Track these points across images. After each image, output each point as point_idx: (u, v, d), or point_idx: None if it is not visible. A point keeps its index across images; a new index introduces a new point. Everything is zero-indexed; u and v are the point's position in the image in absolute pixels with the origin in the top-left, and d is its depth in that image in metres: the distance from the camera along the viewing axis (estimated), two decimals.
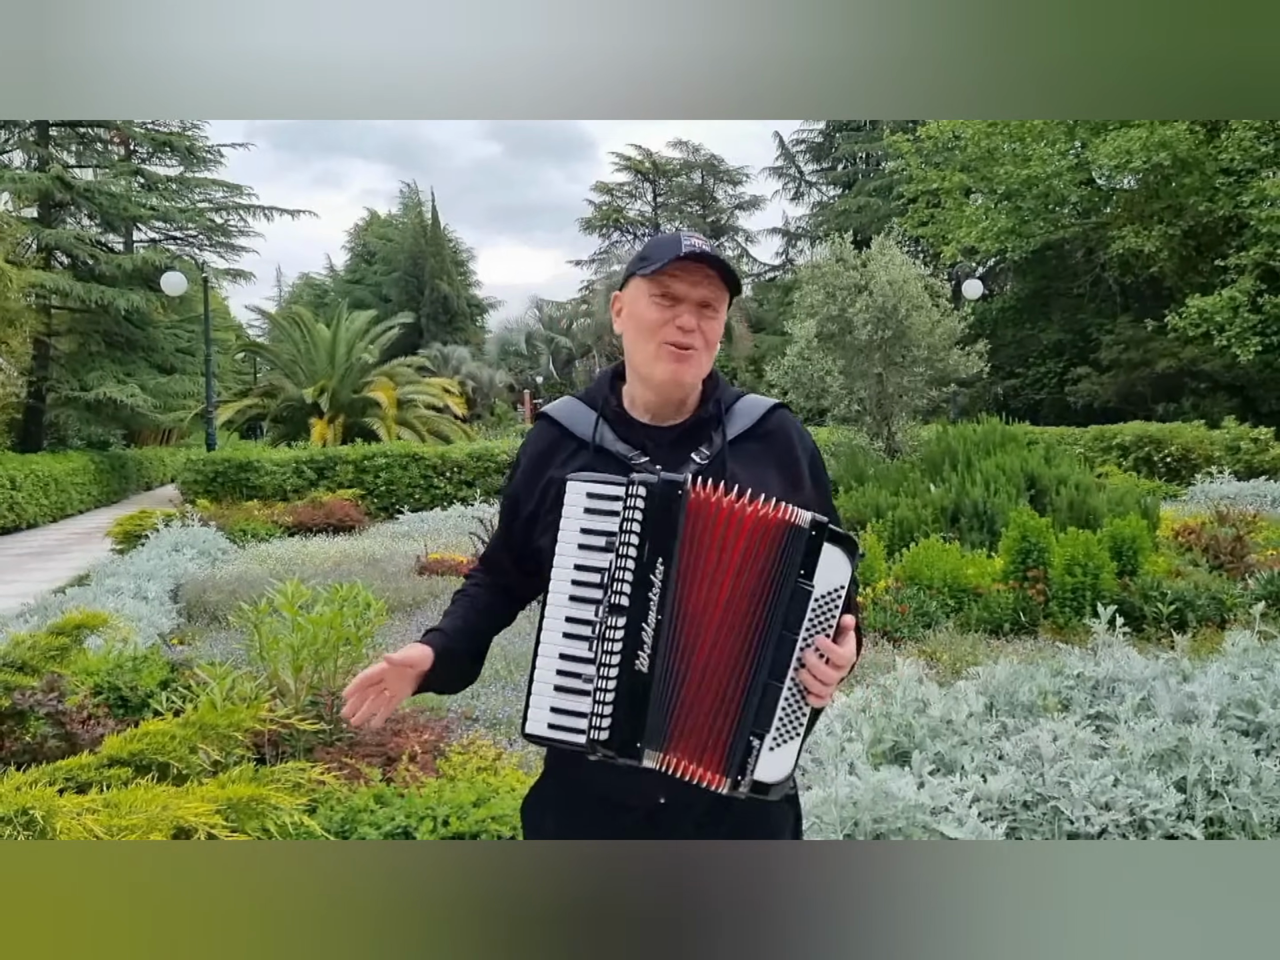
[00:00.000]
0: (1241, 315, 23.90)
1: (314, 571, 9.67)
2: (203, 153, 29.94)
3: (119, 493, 26.13)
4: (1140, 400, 28.48)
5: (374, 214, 61.83)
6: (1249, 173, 24.26)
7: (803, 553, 1.64)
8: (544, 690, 1.67)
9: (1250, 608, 7.11)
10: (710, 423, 1.84)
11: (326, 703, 4.19)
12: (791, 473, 1.86)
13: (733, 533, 1.65)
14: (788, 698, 1.66)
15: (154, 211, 27.52)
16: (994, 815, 3.62)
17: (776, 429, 1.88)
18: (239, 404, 27.43)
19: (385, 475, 18.52)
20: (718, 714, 1.66)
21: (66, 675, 3.63)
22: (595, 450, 1.80)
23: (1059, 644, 5.92)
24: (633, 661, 1.63)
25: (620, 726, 1.63)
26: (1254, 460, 18.68)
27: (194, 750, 3.38)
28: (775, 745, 1.65)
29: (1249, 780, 3.68)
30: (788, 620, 1.64)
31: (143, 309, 26.12)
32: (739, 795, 1.66)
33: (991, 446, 10.34)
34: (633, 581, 1.63)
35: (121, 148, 29.17)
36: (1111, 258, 28.63)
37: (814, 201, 49.76)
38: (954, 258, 29.32)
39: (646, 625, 1.63)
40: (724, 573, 1.65)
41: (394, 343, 32.71)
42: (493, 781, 3.69)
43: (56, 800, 2.30)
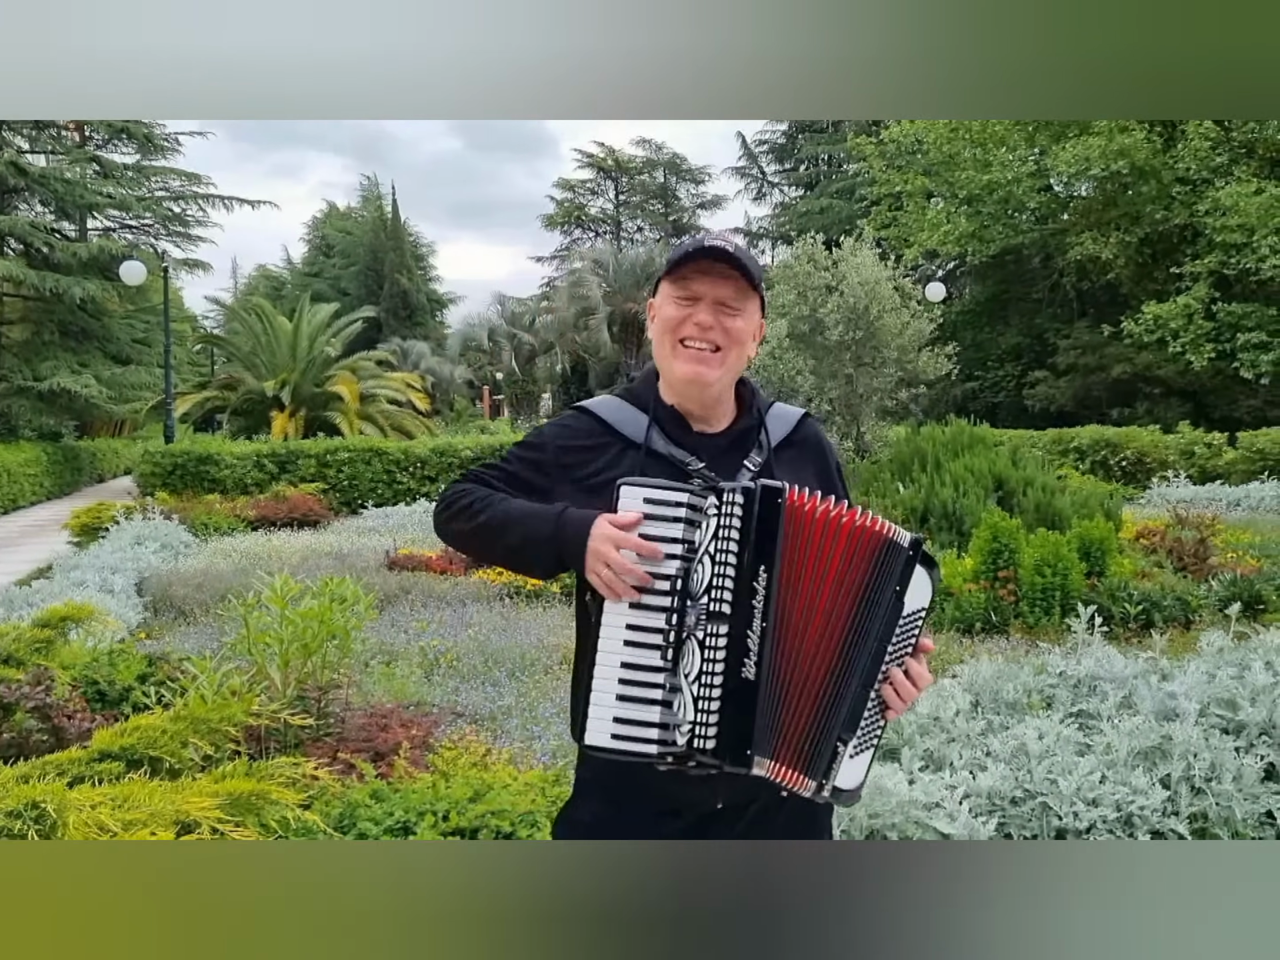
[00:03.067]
0: (1196, 322, 24.40)
1: (280, 566, 9.55)
2: (160, 141, 29.49)
3: (71, 484, 25.66)
4: (1096, 404, 28.94)
5: (333, 206, 61.31)
6: (1204, 182, 24.77)
7: (900, 569, 1.67)
8: (605, 700, 1.64)
9: (1222, 609, 7.29)
10: (755, 430, 1.86)
11: (314, 697, 4.15)
12: (825, 477, 1.90)
13: (830, 541, 1.66)
14: (871, 708, 1.68)
15: (110, 199, 27.02)
16: (984, 811, 3.66)
17: (810, 435, 1.93)
18: (198, 396, 27.06)
19: (348, 470, 18.33)
20: (815, 719, 1.67)
21: (53, 668, 3.56)
22: (646, 453, 1.78)
23: (1040, 643, 6.00)
24: (739, 670, 1.62)
25: (728, 734, 1.62)
26: (1208, 464, 19.05)
27: (185, 745, 3.34)
28: (856, 753, 1.68)
29: (1231, 777, 3.76)
30: (882, 633, 1.67)
31: (98, 298, 25.63)
32: (821, 799, 1.67)
33: (960, 448, 10.46)
34: (734, 589, 1.62)
35: (76, 134, 28.63)
36: (1069, 264, 29.07)
37: (776, 202, 50.05)
38: (916, 260, 29.60)
39: (751, 633, 1.63)
40: (824, 580, 1.66)
41: (354, 337, 32.44)
42: (486, 777, 3.67)
43: (67, 794, 2.25)
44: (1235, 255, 23.92)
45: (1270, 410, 24.96)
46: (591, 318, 36.03)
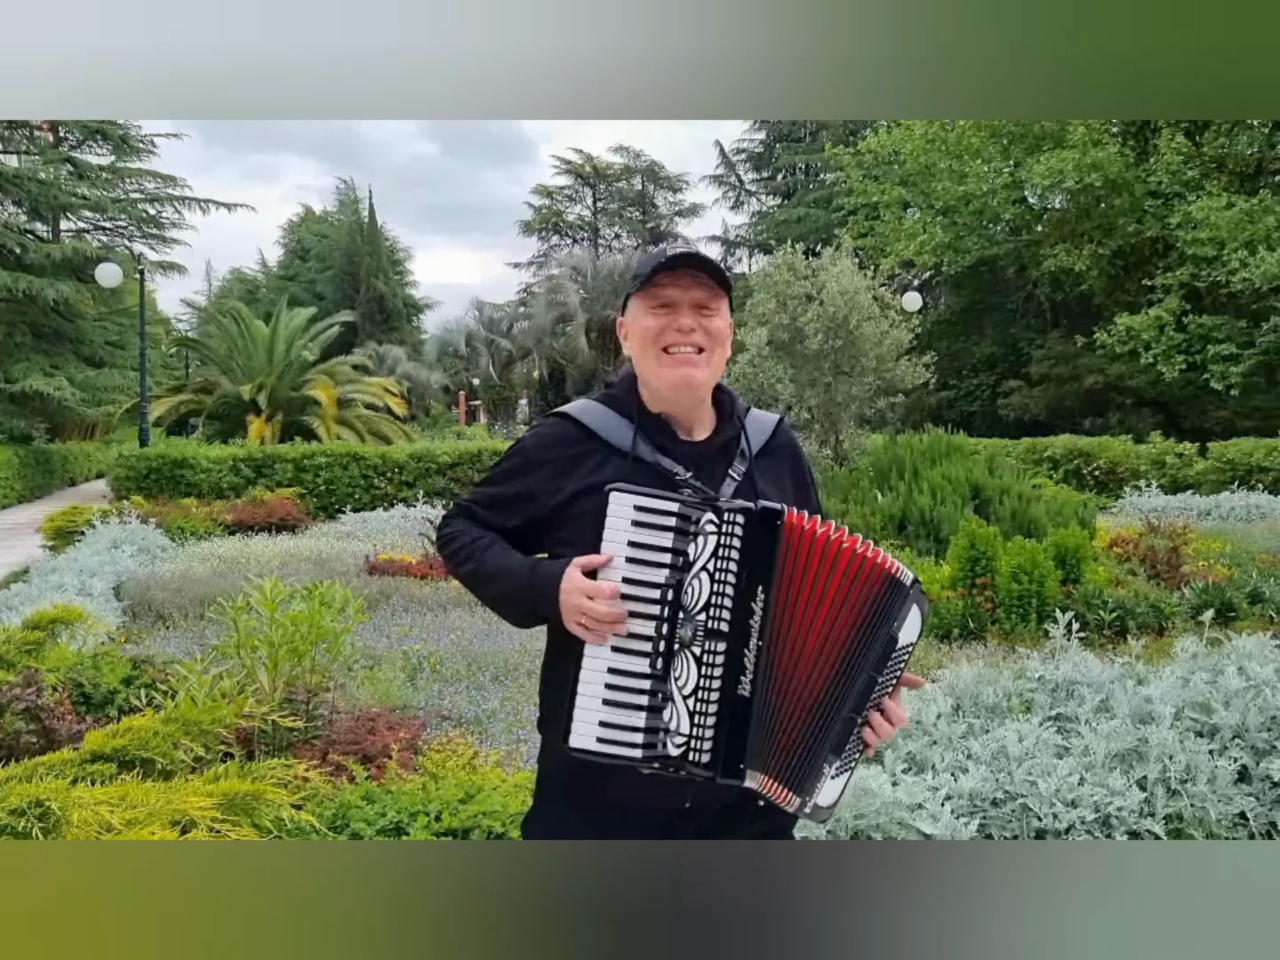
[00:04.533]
0: (1167, 334, 24.71)
1: (259, 571, 9.51)
2: (135, 142, 29.31)
3: (43, 488, 25.38)
4: (1069, 414, 29.26)
5: (309, 210, 61.03)
6: (1176, 196, 25.11)
7: (899, 604, 1.72)
8: (591, 704, 1.66)
9: (1194, 616, 7.41)
10: (738, 439, 1.88)
11: (302, 700, 4.16)
12: (801, 482, 1.95)
13: (829, 564, 1.69)
14: (856, 732, 1.73)
15: (85, 200, 26.87)
16: (965, 812, 3.72)
17: (785, 442, 1.96)
18: (173, 399, 26.85)
19: (325, 475, 18.27)
20: (805, 738, 1.71)
21: (43, 670, 3.56)
22: (634, 461, 1.78)
23: (1017, 649, 6.09)
24: (735, 686, 1.66)
25: (723, 749, 1.66)
26: (1179, 475, 19.29)
27: (176, 746, 3.35)
28: (837, 774, 1.73)
29: (1205, 779, 3.84)
30: (875, 664, 1.72)
31: (71, 300, 25.44)
32: (802, 814, 1.73)
33: (937, 456, 10.56)
34: (733, 608, 1.65)
35: (50, 134, 28.42)
36: (1043, 275, 29.39)
37: (753, 211, 50.25)
38: (892, 270, 29.82)
39: (748, 651, 1.67)
40: (821, 603, 1.69)
41: (330, 341, 32.32)
42: (475, 779, 3.70)
43: (70, 793, 2.27)
44: (1206, 268, 24.26)
45: (1240, 421, 25.33)
46: (569, 324, 36.11)
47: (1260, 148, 26.42)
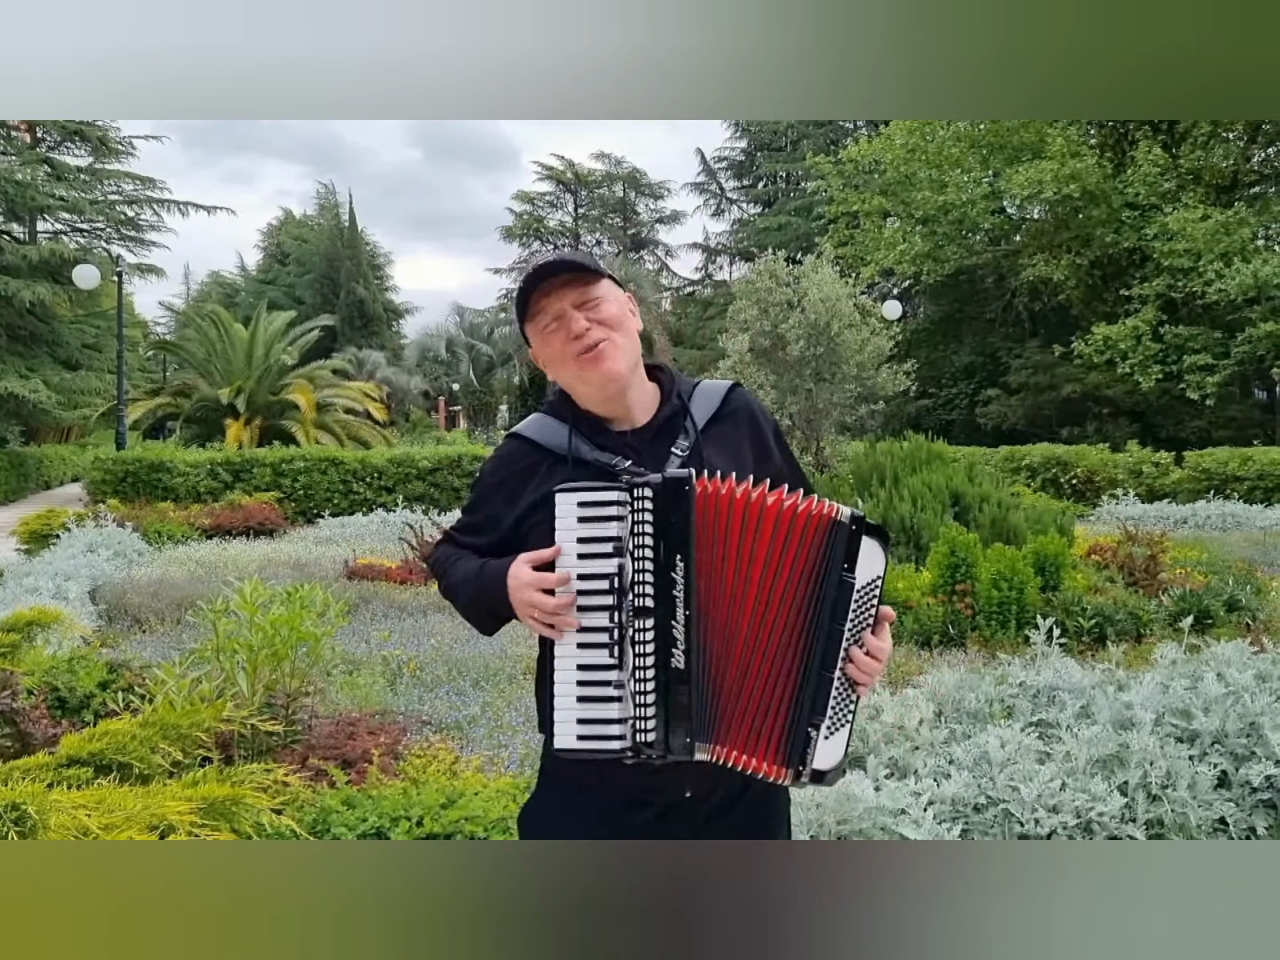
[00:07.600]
0: (1144, 344, 24.94)
1: (237, 575, 9.41)
2: (114, 144, 29.11)
3: (17, 491, 25.17)
4: (1046, 423, 29.47)
5: (289, 214, 60.79)
6: (1153, 207, 25.36)
7: (845, 546, 1.68)
8: (568, 704, 1.67)
9: (1172, 623, 7.46)
10: (680, 414, 1.88)
11: (281, 704, 4.13)
12: (760, 445, 1.93)
13: (754, 524, 1.67)
14: (838, 687, 1.70)
15: (62, 202, 26.61)
16: (948, 817, 3.72)
17: (739, 407, 1.94)
18: (150, 403, 26.68)
19: (304, 479, 18.15)
20: (771, 705, 1.69)
21: (18, 673, 3.52)
22: (574, 462, 1.80)
23: (998, 655, 6.11)
24: (668, 660, 1.65)
25: (667, 725, 1.65)
26: (1155, 483, 19.43)
27: (154, 750, 3.31)
28: (829, 734, 1.70)
29: (1186, 784, 3.85)
30: (834, 612, 1.68)
31: (47, 302, 25.20)
32: (801, 785, 1.70)
33: (918, 463, 10.59)
34: (654, 583, 1.64)
35: (28, 135, 28.18)
36: (1021, 285, 29.63)
37: (734, 218, 50.46)
38: (872, 278, 29.98)
39: (676, 623, 1.65)
40: (753, 564, 1.68)
41: (310, 346, 32.19)
42: (456, 784, 3.67)
43: (48, 796, 2.24)
44: (1182, 279, 24.51)
45: (1215, 431, 25.60)
46: None
47: (1236, 160, 26.79)
